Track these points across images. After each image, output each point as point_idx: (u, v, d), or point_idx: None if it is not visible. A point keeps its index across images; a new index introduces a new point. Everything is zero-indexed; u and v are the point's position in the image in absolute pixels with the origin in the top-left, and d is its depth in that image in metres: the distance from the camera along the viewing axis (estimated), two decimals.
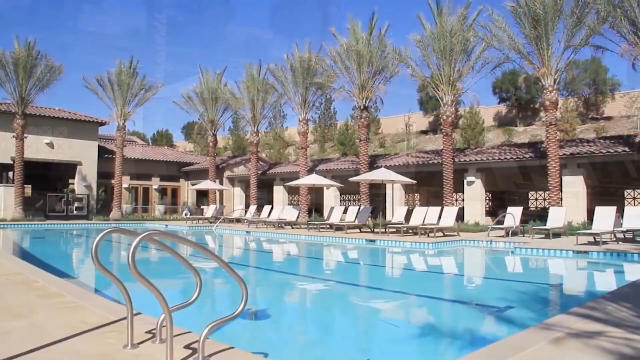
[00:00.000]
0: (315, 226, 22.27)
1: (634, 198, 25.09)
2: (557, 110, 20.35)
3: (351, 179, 21.52)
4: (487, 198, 27.58)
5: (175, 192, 40.19)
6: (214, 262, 4.01)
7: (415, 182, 20.92)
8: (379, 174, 19.96)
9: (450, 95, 22.76)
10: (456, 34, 21.80)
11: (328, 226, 21.80)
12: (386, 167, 25.94)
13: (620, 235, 16.49)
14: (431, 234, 18.03)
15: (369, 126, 26.26)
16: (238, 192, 37.35)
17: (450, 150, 22.63)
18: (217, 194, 35.81)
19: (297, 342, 5.93)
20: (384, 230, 19.62)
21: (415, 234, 18.59)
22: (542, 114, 21.27)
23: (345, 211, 23.30)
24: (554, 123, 20.06)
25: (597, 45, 19.78)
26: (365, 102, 25.69)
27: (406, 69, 24.19)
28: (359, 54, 24.78)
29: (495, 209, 25.98)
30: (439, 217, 19.12)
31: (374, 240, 17.67)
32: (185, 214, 33.83)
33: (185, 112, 36.88)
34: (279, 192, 33.42)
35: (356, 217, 21.33)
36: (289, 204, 33.16)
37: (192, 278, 4.29)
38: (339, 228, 21.09)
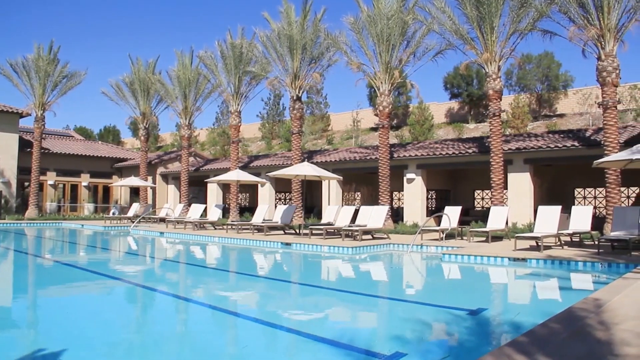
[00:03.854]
0: (235, 227, 19.90)
1: (584, 197, 23.50)
2: (501, 100, 18.46)
3: (269, 174, 19.17)
4: (430, 197, 25.69)
5: (107, 190, 37.24)
6: None
7: (341, 177, 18.76)
8: (300, 169, 17.57)
9: (388, 85, 20.71)
10: (393, 16, 19.76)
11: (250, 227, 19.46)
12: (321, 162, 23.80)
13: (567, 239, 14.76)
14: (358, 237, 15.82)
15: (302, 118, 23.90)
16: (172, 189, 34.68)
17: (386, 145, 20.53)
18: (150, 191, 33.08)
19: None
20: (307, 232, 17.41)
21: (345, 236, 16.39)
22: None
23: (273, 211, 21.00)
24: (497, 114, 18.18)
25: (545, 30, 18.08)
26: (299, 92, 23.41)
27: (343, 57, 22.03)
28: (291, 39, 22.48)
29: (439, 209, 24.11)
30: (370, 218, 16.95)
31: (289, 244, 15.31)
32: (113, 213, 30.94)
33: (115, 103, 33.84)
34: (213, 190, 30.92)
35: (280, 218, 18.98)
36: (223, 203, 30.77)
37: None
38: (259, 229, 18.71)
